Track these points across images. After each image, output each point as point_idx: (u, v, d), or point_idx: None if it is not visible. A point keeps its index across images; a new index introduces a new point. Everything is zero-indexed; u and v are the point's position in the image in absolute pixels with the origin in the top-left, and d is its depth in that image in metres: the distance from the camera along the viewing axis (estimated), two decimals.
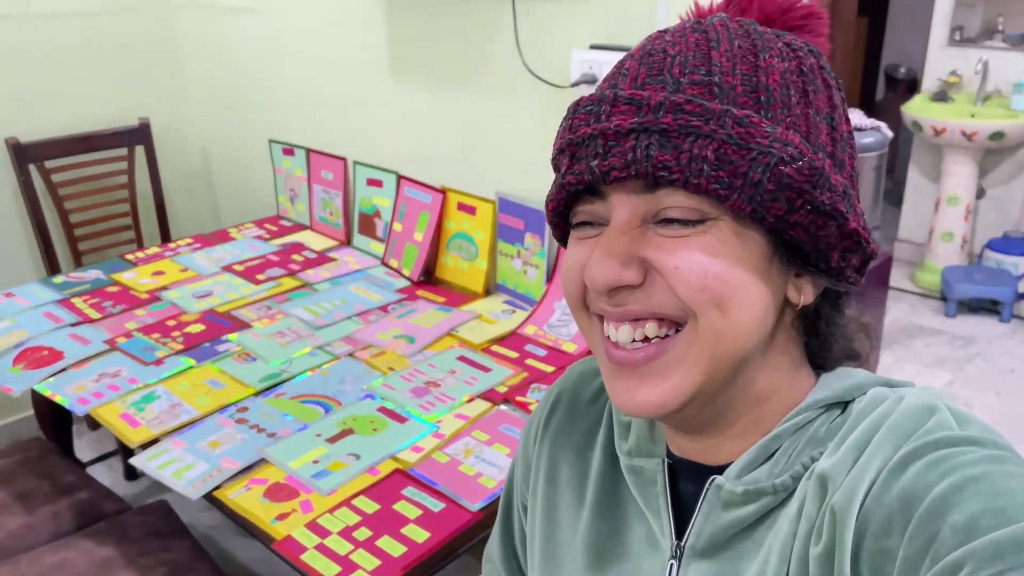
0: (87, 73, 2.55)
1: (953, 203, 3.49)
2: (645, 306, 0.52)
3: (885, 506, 0.47)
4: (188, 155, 2.84)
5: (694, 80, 0.50)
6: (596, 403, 0.71)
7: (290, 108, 2.45)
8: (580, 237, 0.55)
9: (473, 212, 1.96)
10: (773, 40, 0.53)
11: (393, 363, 1.66)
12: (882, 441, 0.50)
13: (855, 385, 0.55)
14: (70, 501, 1.68)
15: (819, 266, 0.53)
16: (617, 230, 0.51)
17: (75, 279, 2.10)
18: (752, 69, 0.50)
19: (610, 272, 0.50)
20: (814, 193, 0.49)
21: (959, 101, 3.48)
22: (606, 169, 0.49)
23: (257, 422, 1.47)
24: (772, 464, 0.54)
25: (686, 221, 0.50)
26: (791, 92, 0.51)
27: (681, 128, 0.48)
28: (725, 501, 0.56)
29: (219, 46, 2.61)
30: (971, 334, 3.26)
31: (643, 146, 0.48)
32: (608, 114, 0.50)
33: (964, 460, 0.46)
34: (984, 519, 0.43)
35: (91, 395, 1.57)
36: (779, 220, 0.49)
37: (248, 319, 1.86)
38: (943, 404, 0.52)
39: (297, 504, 1.26)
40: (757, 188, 0.48)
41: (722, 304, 0.50)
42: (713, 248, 0.50)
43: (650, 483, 0.62)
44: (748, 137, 0.48)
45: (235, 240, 2.34)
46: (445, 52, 1.95)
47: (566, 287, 0.56)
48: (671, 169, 0.48)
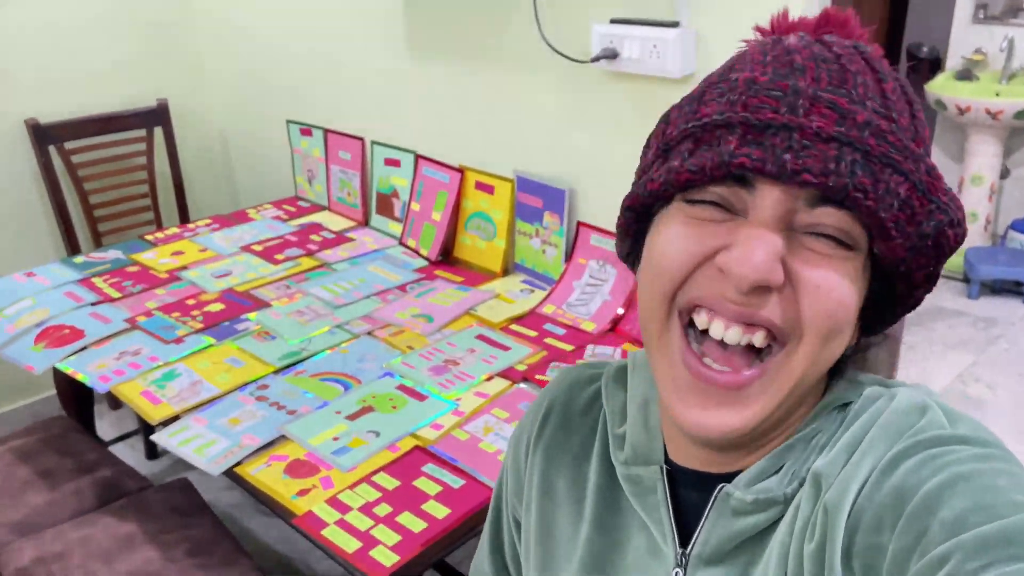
0: (106, 54, 2.55)
1: (977, 183, 3.44)
2: (771, 314, 0.49)
3: (877, 503, 0.47)
4: (206, 136, 2.84)
5: (876, 109, 0.48)
6: (589, 413, 0.68)
7: (308, 88, 2.44)
8: (699, 217, 0.50)
9: (491, 191, 1.95)
10: (912, 91, 0.52)
11: (412, 341, 1.66)
12: (874, 440, 0.50)
13: (853, 385, 0.56)
14: (92, 478, 1.69)
15: (884, 317, 0.54)
16: (773, 227, 0.48)
17: (95, 259, 2.11)
18: (911, 118, 0.50)
19: (764, 266, 0.47)
20: (942, 261, 0.50)
21: (984, 79, 3.42)
22: (799, 168, 0.46)
23: (277, 399, 1.47)
24: (782, 475, 0.54)
25: (839, 242, 0.48)
26: (929, 145, 0.51)
27: (882, 156, 0.46)
28: (734, 509, 0.55)
29: (237, 27, 2.60)
30: (994, 316, 3.22)
31: (848, 160, 0.46)
32: (807, 110, 0.47)
33: (954, 458, 0.46)
34: (972, 515, 0.43)
35: (112, 373, 1.57)
36: (907, 271, 0.49)
37: (267, 298, 1.86)
38: (934, 403, 0.52)
39: (317, 480, 1.26)
40: (922, 240, 0.48)
41: (832, 334, 0.50)
42: (851, 278, 0.49)
43: (649, 491, 0.60)
44: (933, 189, 0.48)
45: (253, 221, 2.34)
46: (463, 28, 1.93)
47: (664, 271, 0.51)
48: (867, 193, 0.46)
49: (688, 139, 0.50)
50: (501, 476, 0.77)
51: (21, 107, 2.40)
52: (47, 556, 1.46)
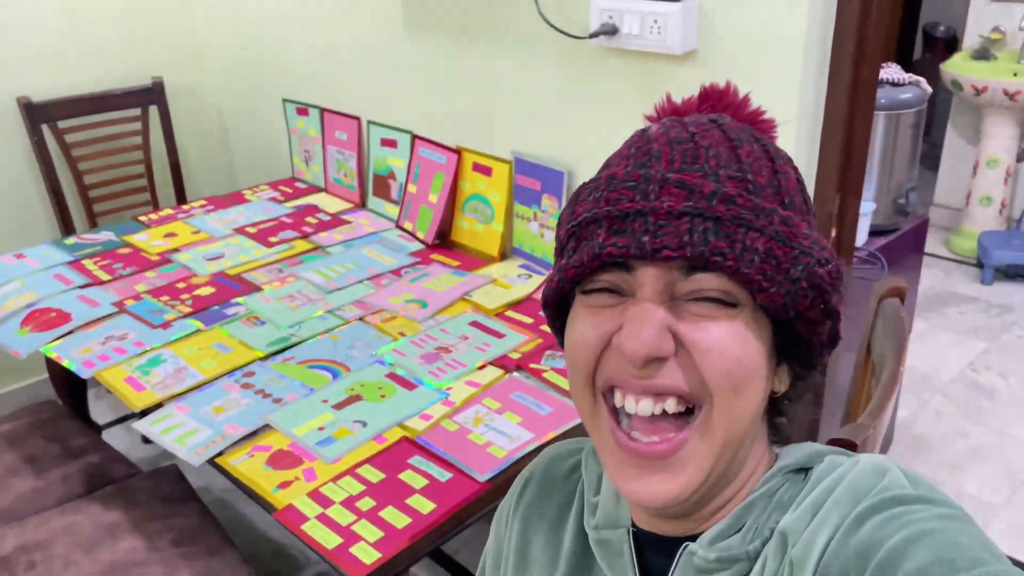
0: (100, 31, 2.50)
1: (993, 166, 3.36)
2: (672, 381, 0.52)
3: (842, 559, 0.49)
4: (203, 115, 2.79)
5: (730, 175, 0.52)
6: (569, 480, 0.71)
7: (304, 67, 2.39)
8: (596, 306, 0.55)
9: (489, 173, 1.90)
10: (776, 148, 0.57)
11: (404, 328, 1.61)
12: (840, 499, 0.52)
13: (815, 452, 0.58)
14: (80, 465, 1.66)
15: (801, 358, 0.57)
16: (653, 300, 0.52)
17: (87, 241, 2.07)
18: (772, 173, 0.54)
19: (651, 340, 0.51)
20: (831, 295, 0.53)
21: (1001, 59, 3.32)
22: (658, 247, 0.50)
23: (263, 387, 1.43)
24: (744, 532, 0.56)
25: (721, 302, 0.52)
26: (799, 199, 0.55)
27: (734, 219, 0.50)
28: (698, 568, 0.56)
29: (233, 5, 2.54)
30: (1008, 302, 3.15)
31: (699, 230, 0.50)
32: (657, 194, 0.51)
33: (918, 516, 0.48)
34: (934, 568, 0.45)
35: (97, 358, 1.54)
36: (797, 315, 0.53)
37: (259, 282, 1.82)
38: (895, 466, 0.54)
39: (300, 472, 1.23)
40: (794, 284, 0.51)
41: (738, 389, 0.52)
42: (741, 334, 0.52)
43: (617, 555, 0.62)
44: (792, 236, 0.51)
45: (249, 202, 2.30)
46: (460, 5, 1.87)
47: (577, 360, 0.56)
48: (725, 256, 0.50)
49: (571, 238, 0.55)
50: (485, 551, 0.79)
51: (13, 85, 2.36)
52: (29, 545, 1.43)
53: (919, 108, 1.83)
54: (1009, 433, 2.42)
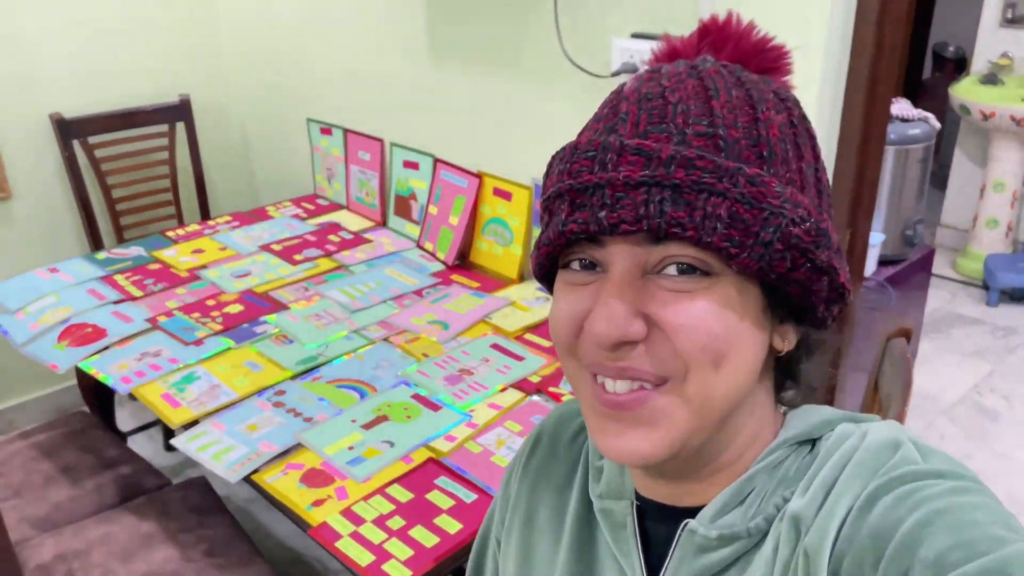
0: (130, 50, 2.57)
1: (999, 189, 3.41)
2: (645, 364, 0.51)
3: (856, 544, 0.47)
4: (228, 132, 2.86)
5: (698, 131, 0.49)
6: (575, 443, 0.70)
7: (329, 88, 2.46)
8: (573, 283, 0.53)
9: (509, 198, 1.96)
10: (765, 90, 0.53)
11: (427, 349, 1.67)
12: (850, 478, 0.50)
13: (822, 422, 0.56)
14: (113, 475, 1.73)
15: (805, 317, 0.54)
16: (620, 282, 0.50)
17: (117, 255, 2.14)
18: (752, 122, 0.50)
19: (617, 329, 0.49)
20: (816, 252, 0.50)
21: (1009, 84, 3.38)
22: (615, 221, 0.48)
23: (294, 406, 1.50)
24: (746, 507, 0.55)
25: (692, 271, 0.49)
26: (787, 145, 0.51)
27: (694, 184, 0.48)
28: (699, 545, 0.55)
29: (260, 26, 2.62)
30: (1013, 324, 3.20)
31: (655, 200, 0.48)
32: (615, 163, 0.49)
33: (930, 493, 0.47)
34: (952, 553, 0.43)
35: (133, 374, 1.60)
36: (779, 277, 0.50)
37: (286, 300, 1.89)
38: (906, 438, 0.52)
39: (333, 491, 1.29)
40: (767, 248, 0.48)
41: (718, 364, 0.50)
42: (717, 306, 0.50)
43: (620, 526, 0.61)
44: (760, 197, 0.48)
45: (273, 219, 2.37)
46: (485, 37, 1.94)
47: (557, 334, 0.55)
48: (684, 226, 0.48)
49: (545, 212, 0.54)
50: (491, 509, 0.78)
51: (47, 102, 2.43)
52: (68, 553, 1.49)
53: (927, 143, 1.89)
54: (1012, 456, 2.47)
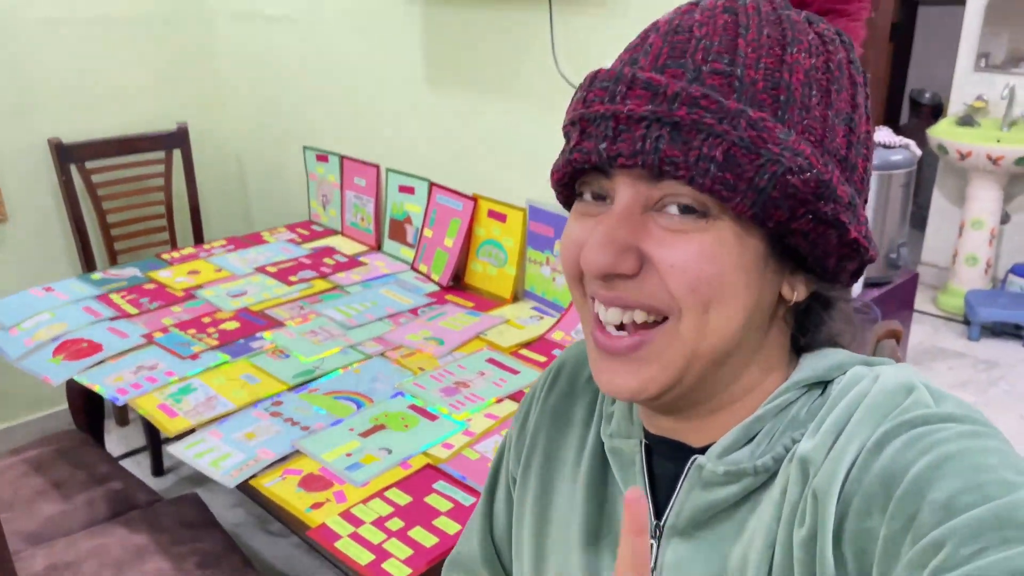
0: (129, 78, 2.62)
1: (977, 227, 3.49)
2: (636, 296, 0.52)
3: (865, 487, 0.47)
4: (224, 160, 2.90)
5: (716, 69, 0.49)
6: (591, 385, 0.71)
7: (325, 115, 2.50)
8: (582, 212, 0.55)
9: (503, 219, 2.00)
10: (804, 30, 0.51)
11: (423, 363, 1.69)
12: (860, 421, 0.50)
13: (835, 365, 0.56)
14: (104, 490, 1.72)
15: (814, 269, 0.54)
16: (618, 216, 0.51)
17: (112, 276, 2.15)
18: (777, 63, 0.49)
19: (605, 260, 0.50)
20: (817, 204, 0.49)
21: (985, 126, 3.48)
22: (613, 154, 0.49)
23: (291, 416, 1.50)
24: (754, 445, 0.55)
25: (690, 211, 0.50)
26: (813, 91, 0.50)
27: (694, 123, 0.47)
28: (706, 481, 0.56)
29: (258, 54, 2.67)
30: (994, 358, 3.25)
31: (653, 137, 0.48)
32: (623, 95, 0.49)
33: (941, 437, 0.47)
34: (963, 496, 0.43)
35: (129, 386, 1.61)
36: (779, 225, 0.50)
37: (281, 318, 1.90)
38: (919, 382, 0.52)
39: (331, 494, 1.29)
40: (761, 194, 0.48)
41: (709, 306, 0.51)
42: (711, 249, 0.50)
43: (628, 463, 0.62)
44: (760, 142, 0.48)
45: (268, 243, 2.39)
46: (481, 60, 1.99)
47: (564, 261, 0.56)
48: (678, 165, 0.48)
49: (566, 137, 0.54)
50: (502, 446, 0.78)
51: (45, 127, 2.46)
52: (59, 564, 1.48)
53: (909, 169, 1.95)
54: None
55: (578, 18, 1.75)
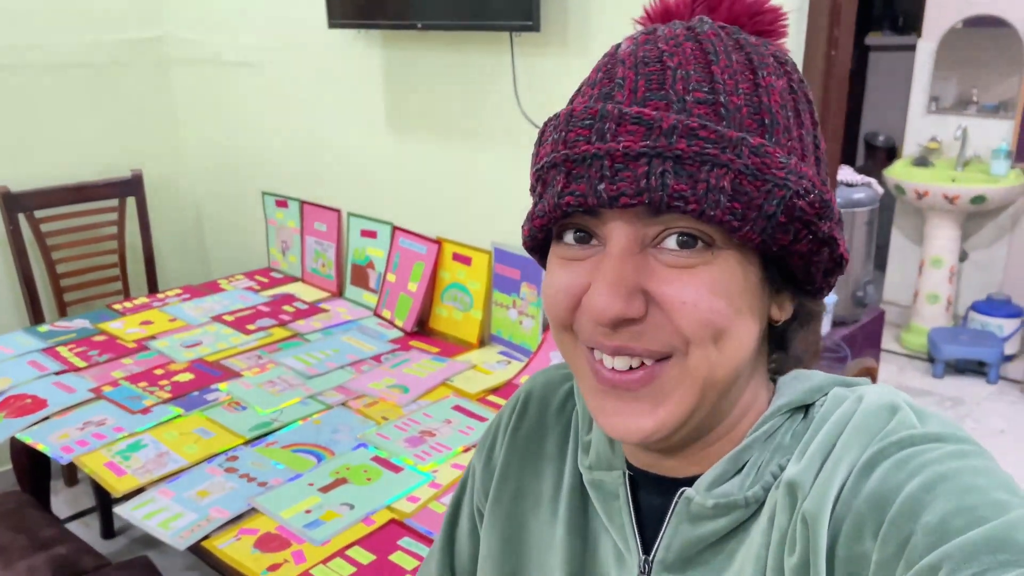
0: (81, 124, 2.55)
1: (937, 265, 3.54)
2: (640, 343, 0.50)
3: (855, 509, 0.47)
4: (180, 207, 2.83)
5: (699, 98, 0.48)
6: (563, 413, 0.68)
7: (285, 161, 2.46)
8: (568, 257, 0.52)
9: (468, 262, 1.96)
10: (764, 53, 0.51)
11: (387, 412, 1.63)
12: (847, 443, 0.49)
13: (815, 387, 0.55)
14: (47, 556, 1.61)
15: (804, 286, 0.53)
16: (619, 257, 0.49)
17: (61, 328, 2.06)
18: (753, 88, 0.49)
19: (617, 307, 0.48)
20: (819, 224, 0.49)
21: (939, 166, 3.55)
22: (615, 194, 0.47)
23: (247, 471, 1.43)
24: (743, 476, 0.53)
25: (691, 241, 0.48)
26: (788, 112, 0.50)
27: (697, 155, 0.46)
28: (695, 515, 0.54)
29: (215, 99, 2.63)
30: (959, 395, 3.27)
31: (657, 173, 0.46)
32: (614, 133, 0.47)
33: (930, 458, 0.46)
34: (955, 519, 0.42)
35: (75, 443, 1.52)
36: (781, 248, 0.49)
37: (238, 368, 1.83)
38: (903, 401, 0.52)
39: (289, 554, 1.22)
40: (770, 220, 0.47)
41: (719, 337, 0.49)
42: (720, 281, 0.49)
43: (612, 497, 0.60)
44: (764, 168, 0.47)
45: (225, 291, 2.32)
46: (442, 102, 1.97)
47: (552, 310, 0.53)
48: (687, 199, 0.46)
49: (538, 183, 0.52)
50: (465, 476, 0.74)
51: None
52: None
53: (872, 207, 1.96)
54: None
55: (540, 59, 1.74)
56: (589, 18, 1.66)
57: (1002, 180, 3.31)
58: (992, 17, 3.39)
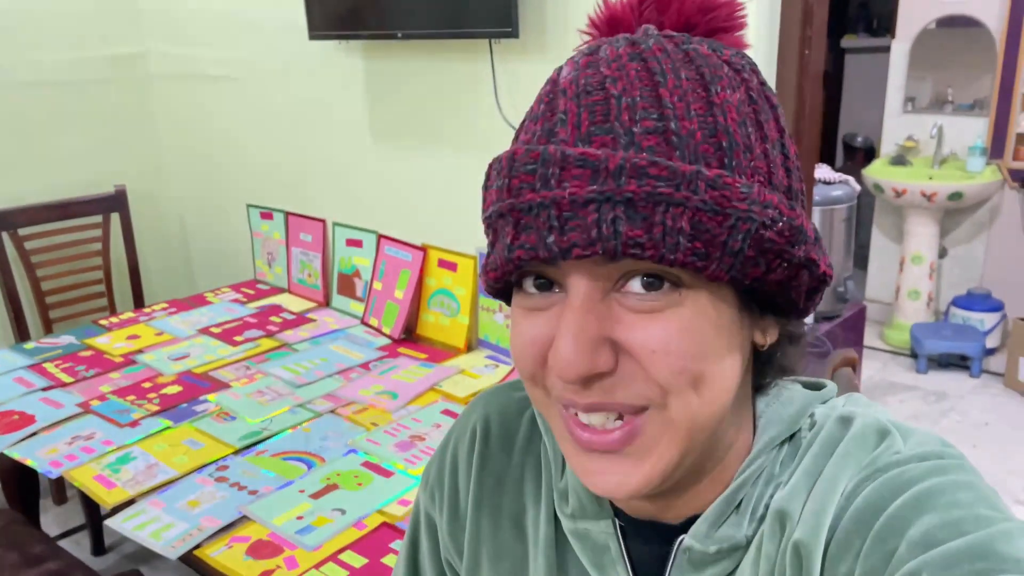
0: (65, 141, 2.56)
1: (917, 262, 3.58)
2: (615, 397, 0.46)
3: (841, 531, 0.46)
4: (164, 221, 2.83)
5: (647, 128, 0.43)
6: (531, 447, 0.63)
7: (269, 173, 2.47)
8: (530, 308, 0.48)
9: (454, 268, 1.97)
10: (717, 64, 0.46)
11: (376, 418, 1.63)
12: (837, 471, 0.48)
13: (797, 412, 0.53)
14: (38, 572, 1.60)
15: (784, 310, 0.50)
16: (581, 308, 0.45)
17: (47, 344, 2.06)
18: (707, 107, 0.44)
19: (582, 364, 0.44)
20: (792, 251, 0.46)
21: (917, 164, 3.60)
22: (566, 246, 0.43)
23: (238, 480, 1.43)
24: (740, 516, 0.52)
25: (659, 283, 0.45)
26: (748, 128, 0.45)
27: (649, 196, 0.42)
28: (697, 562, 0.52)
29: (198, 114, 2.64)
30: (943, 389, 3.30)
31: (608, 220, 0.42)
32: (558, 178, 0.43)
33: (914, 475, 0.46)
34: (939, 532, 0.43)
35: (64, 458, 1.52)
36: (755, 280, 0.45)
37: (226, 379, 1.83)
38: (889, 424, 0.51)
39: (281, 561, 1.22)
40: (737, 257, 0.44)
41: (698, 384, 0.46)
42: (691, 323, 0.45)
43: (601, 550, 0.56)
44: (724, 202, 0.43)
45: (211, 304, 2.32)
46: (424, 109, 1.99)
47: (520, 364, 0.49)
48: (643, 246, 0.42)
49: (489, 231, 0.48)
50: (417, 516, 0.69)
51: None
52: None
53: (850, 204, 1.99)
54: None
55: (519, 64, 1.76)
56: (567, 23, 1.68)
57: (978, 176, 3.36)
58: (964, 17, 3.44)
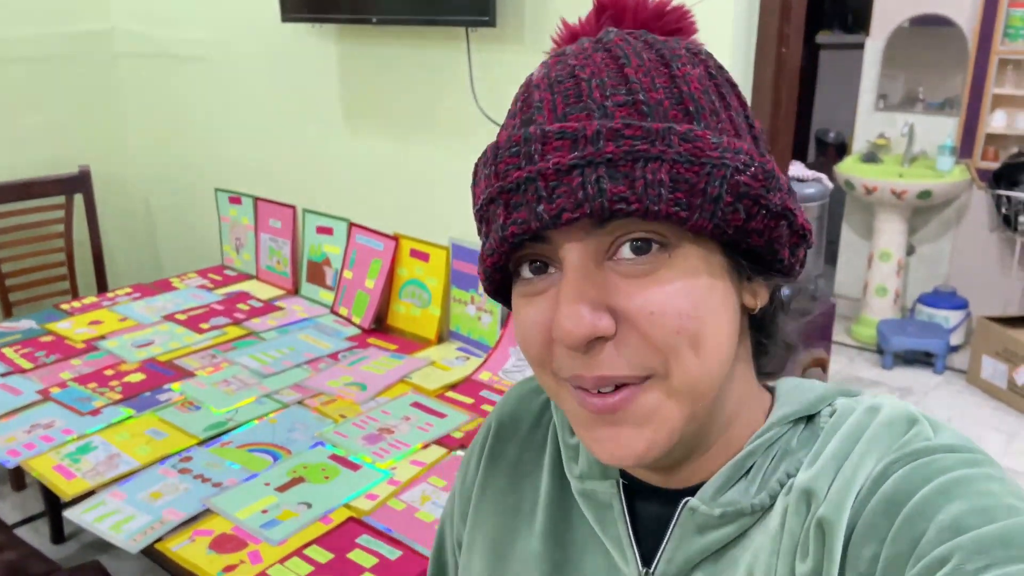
0: (26, 119, 2.49)
1: (885, 259, 3.62)
2: (621, 369, 0.48)
3: (867, 513, 0.47)
4: (130, 204, 2.77)
5: (618, 102, 0.47)
6: (539, 426, 0.66)
7: (238, 157, 2.42)
8: (530, 293, 0.51)
9: (426, 259, 1.95)
10: (676, 47, 0.50)
11: (345, 410, 1.61)
12: (864, 453, 0.49)
13: (819, 397, 0.55)
14: None
15: (772, 267, 0.51)
16: (576, 276, 0.47)
17: (6, 329, 2.01)
18: (670, 80, 0.48)
19: (584, 323, 0.46)
20: (768, 196, 0.48)
21: (888, 162, 3.63)
22: (555, 212, 0.45)
23: (201, 472, 1.40)
24: (747, 483, 0.53)
25: (646, 247, 0.47)
26: (712, 97, 0.49)
27: (627, 154, 0.45)
28: (701, 524, 0.53)
29: (166, 94, 2.58)
30: (908, 385, 3.35)
31: (592, 180, 0.45)
32: (541, 153, 0.46)
33: (944, 465, 0.47)
34: (969, 518, 0.43)
35: (22, 447, 1.48)
36: (737, 231, 0.47)
37: (191, 368, 1.80)
38: (920, 415, 0.52)
39: (245, 555, 1.20)
40: (717, 203, 0.46)
41: (696, 343, 0.47)
42: (684, 282, 0.47)
43: (605, 508, 0.58)
44: (698, 152, 0.46)
45: (177, 290, 2.28)
46: (398, 97, 1.96)
47: (527, 349, 0.51)
48: (628, 200, 0.45)
49: (481, 223, 0.51)
50: (448, 502, 0.73)
51: None
52: None
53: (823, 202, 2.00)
54: None
55: (496, 54, 1.74)
56: (545, 13, 1.66)
57: (947, 175, 3.40)
58: (937, 16, 3.47)
